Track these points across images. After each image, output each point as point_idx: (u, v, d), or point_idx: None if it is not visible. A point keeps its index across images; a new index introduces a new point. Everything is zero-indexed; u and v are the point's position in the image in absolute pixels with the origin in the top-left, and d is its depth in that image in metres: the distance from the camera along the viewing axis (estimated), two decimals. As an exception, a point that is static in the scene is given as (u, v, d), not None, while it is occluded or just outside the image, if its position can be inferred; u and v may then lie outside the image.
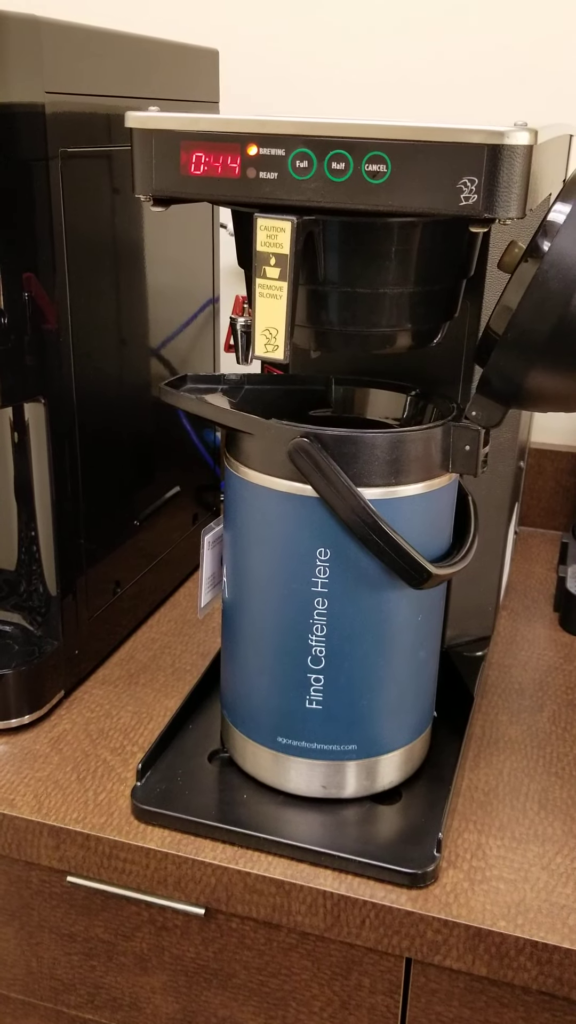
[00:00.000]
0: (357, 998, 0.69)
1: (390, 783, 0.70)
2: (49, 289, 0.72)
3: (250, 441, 0.63)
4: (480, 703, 0.83)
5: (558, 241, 0.55)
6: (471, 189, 0.52)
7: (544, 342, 0.57)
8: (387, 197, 0.53)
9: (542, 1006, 0.65)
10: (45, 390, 0.74)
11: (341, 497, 0.60)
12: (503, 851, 0.67)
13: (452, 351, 0.74)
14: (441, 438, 0.62)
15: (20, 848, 0.70)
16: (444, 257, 0.61)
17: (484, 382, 0.60)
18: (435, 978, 0.67)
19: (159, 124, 0.57)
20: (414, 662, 0.67)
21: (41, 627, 0.81)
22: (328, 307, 0.61)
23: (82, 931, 0.75)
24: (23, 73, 0.66)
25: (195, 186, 0.57)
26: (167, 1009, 0.76)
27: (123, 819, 0.69)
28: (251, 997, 0.72)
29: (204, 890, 0.67)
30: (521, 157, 0.51)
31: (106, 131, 0.76)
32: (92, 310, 0.78)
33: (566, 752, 0.77)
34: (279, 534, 0.63)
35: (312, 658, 0.65)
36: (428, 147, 0.52)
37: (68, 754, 0.76)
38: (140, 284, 0.86)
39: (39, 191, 0.69)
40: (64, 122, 0.71)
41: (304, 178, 0.54)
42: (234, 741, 0.71)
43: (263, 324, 0.57)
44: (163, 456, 0.96)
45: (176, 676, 0.86)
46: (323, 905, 0.64)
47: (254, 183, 0.55)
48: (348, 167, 0.53)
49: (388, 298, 0.60)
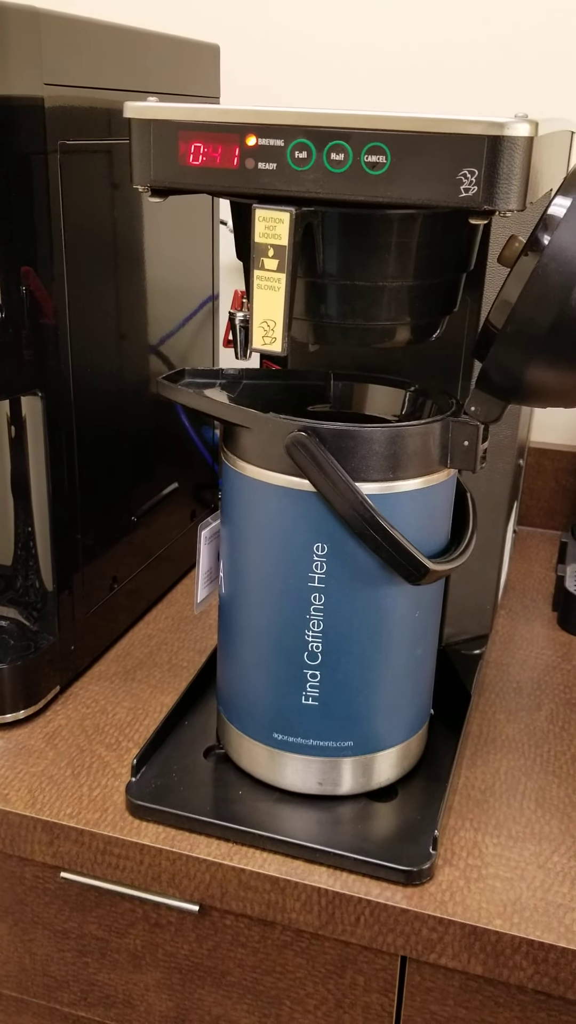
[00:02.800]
0: (352, 996, 0.69)
1: (386, 780, 0.70)
2: (47, 283, 0.71)
3: (247, 435, 0.63)
4: (477, 701, 0.83)
5: (558, 235, 0.55)
6: (471, 181, 0.51)
7: (544, 336, 0.56)
8: (386, 188, 0.53)
9: (538, 1005, 0.64)
10: (42, 384, 0.74)
11: (338, 492, 0.59)
12: (499, 849, 0.67)
13: (451, 346, 0.74)
14: (440, 433, 0.62)
15: (13, 843, 0.70)
16: (444, 250, 0.61)
17: (483, 377, 0.60)
18: (430, 977, 0.66)
19: (157, 114, 0.56)
20: (411, 659, 0.67)
21: (37, 622, 0.81)
22: (327, 300, 0.61)
23: (75, 928, 0.74)
24: (22, 65, 0.66)
25: (193, 177, 0.57)
26: (160, 1007, 0.75)
27: (117, 815, 0.69)
28: (245, 995, 0.72)
29: (198, 887, 0.66)
30: (521, 149, 0.51)
31: (106, 125, 0.76)
32: (90, 304, 0.78)
33: (563, 751, 0.77)
34: (276, 529, 0.62)
35: (308, 654, 0.64)
36: (428, 138, 0.51)
37: (63, 749, 0.75)
38: (139, 279, 0.86)
39: (38, 184, 0.69)
40: (63, 115, 0.70)
41: (303, 169, 0.54)
42: (230, 737, 0.71)
43: (261, 316, 0.56)
44: (161, 452, 0.95)
45: (172, 672, 0.86)
46: (318, 902, 0.64)
47: (253, 174, 0.55)
48: (347, 158, 0.53)
49: (387, 291, 0.60)
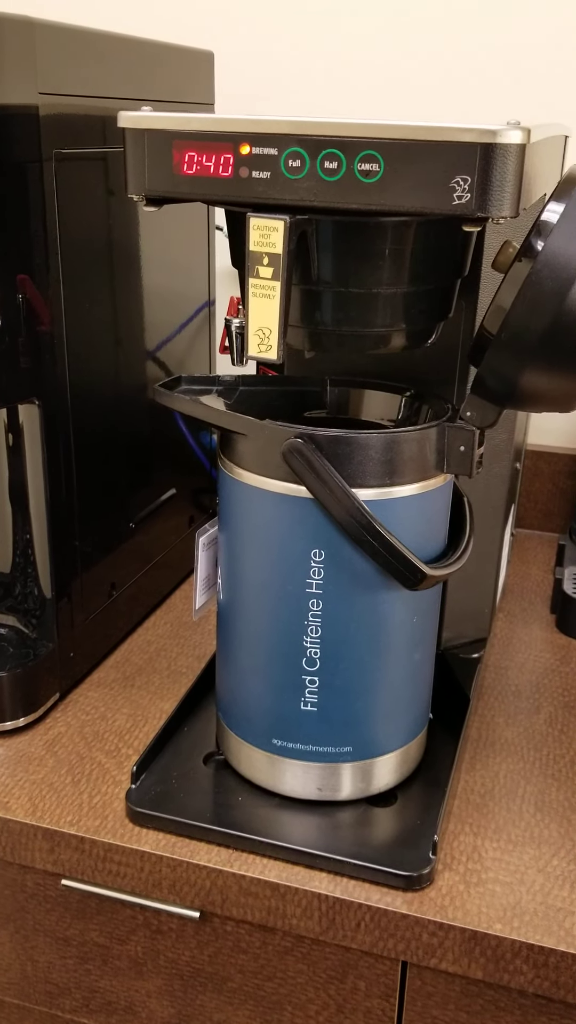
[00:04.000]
0: (353, 1002, 0.69)
1: (385, 785, 0.70)
2: (43, 291, 0.72)
3: (244, 442, 0.63)
4: (476, 705, 0.83)
5: (551, 240, 0.55)
6: (464, 188, 0.52)
7: (538, 341, 0.57)
8: (380, 196, 0.53)
9: (539, 1009, 0.64)
10: (39, 392, 0.74)
11: (335, 498, 0.60)
12: (499, 854, 0.67)
13: (447, 351, 0.74)
14: (436, 438, 0.62)
15: (14, 851, 0.70)
16: (438, 257, 0.61)
17: (478, 382, 0.60)
18: (431, 981, 0.66)
19: (152, 123, 0.57)
20: (409, 664, 0.67)
21: (36, 629, 0.81)
22: (322, 307, 0.61)
23: (77, 935, 0.75)
24: (17, 74, 0.66)
25: (188, 186, 0.57)
26: (162, 1013, 0.75)
27: (118, 822, 0.69)
28: (246, 1001, 0.72)
29: (199, 893, 0.66)
30: (514, 156, 0.51)
31: (101, 133, 0.76)
32: (87, 312, 0.78)
33: (562, 754, 0.77)
34: (273, 535, 0.63)
35: (307, 660, 0.65)
36: (421, 146, 0.52)
37: (63, 757, 0.75)
38: (135, 286, 0.86)
39: (33, 193, 0.69)
40: (58, 123, 0.71)
41: (297, 177, 0.54)
42: (229, 743, 0.71)
43: (256, 324, 0.57)
44: (159, 458, 0.96)
45: (172, 679, 0.86)
46: (318, 908, 0.64)
47: (247, 182, 0.55)
48: (341, 166, 0.53)
49: (382, 298, 0.60)
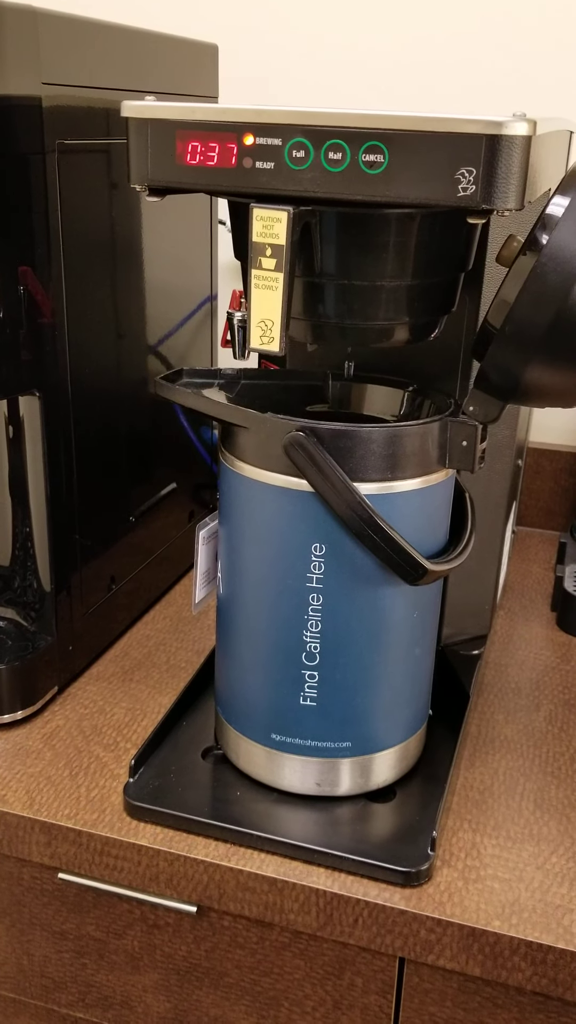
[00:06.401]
0: (350, 998, 0.69)
1: (384, 781, 0.69)
2: (45, 283, 0.71)
3: (245, 435, 0.62)
4: (476, 702, 0.83)
5: (556, 234, 0.55)
6: (469, 180, 0.51)
7: (542, 336, 0.56)
8: (384, 187, 0.53)
9: (536, 1007, 0.64)
10: (40, 384, 0.74)
11: (337, 492, 0.59)
12: (498, 850, 0.66)
13: (450, 345, 0.74)
14: (438, 433, 0.62)
15: (11, 844, 0.70)
16: (442, 250, 0.61)
17: (482, 376, 0.60)
18: (428, 978, 0.66)
19: (155, 113, 0.56)
20: (409, 659, 0.66)
21: (35, 623, 0.81)
22: (325, 300, 0.60)
23: (73, 929, 0.74)
24: (20, 64, 0.66)
25: (191, 176, 0.56)
26: (158, 1008, 0.75)
27: (115, 816, 0.69)
28: (243, 996, 0.72)
29: (196, 888, 0.66)
30: (519, 148, 0.51)
31: (104, 124, 0.76)
32: (88, 304, 0.78)
33: (562, 752, 0.77)
34: (274, 529, 0.62)
35: (307, 654, 0.64)
36: (426, 137, 0.51)
37: (61, 750, 0.75)
38: (137, 279, 0.86)
39: (36, 184, 0.69)
40: (61, 115, 0.70)
41: (301, 168, 0.54)
42: (228, 738, 0.71)
43: (259, 316, 0.56)
44: (160, 452, 0.95)
45: (171, 673, 0.86)
46: (316, 903, 0.63)
47: (250, 173, 0.55)
48: (345, 157, 0.53)
49: (385, 291, 0.60)
